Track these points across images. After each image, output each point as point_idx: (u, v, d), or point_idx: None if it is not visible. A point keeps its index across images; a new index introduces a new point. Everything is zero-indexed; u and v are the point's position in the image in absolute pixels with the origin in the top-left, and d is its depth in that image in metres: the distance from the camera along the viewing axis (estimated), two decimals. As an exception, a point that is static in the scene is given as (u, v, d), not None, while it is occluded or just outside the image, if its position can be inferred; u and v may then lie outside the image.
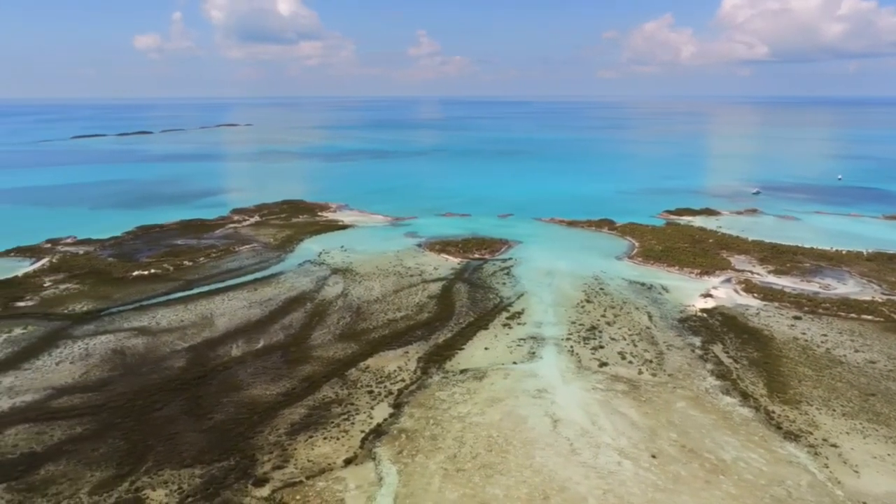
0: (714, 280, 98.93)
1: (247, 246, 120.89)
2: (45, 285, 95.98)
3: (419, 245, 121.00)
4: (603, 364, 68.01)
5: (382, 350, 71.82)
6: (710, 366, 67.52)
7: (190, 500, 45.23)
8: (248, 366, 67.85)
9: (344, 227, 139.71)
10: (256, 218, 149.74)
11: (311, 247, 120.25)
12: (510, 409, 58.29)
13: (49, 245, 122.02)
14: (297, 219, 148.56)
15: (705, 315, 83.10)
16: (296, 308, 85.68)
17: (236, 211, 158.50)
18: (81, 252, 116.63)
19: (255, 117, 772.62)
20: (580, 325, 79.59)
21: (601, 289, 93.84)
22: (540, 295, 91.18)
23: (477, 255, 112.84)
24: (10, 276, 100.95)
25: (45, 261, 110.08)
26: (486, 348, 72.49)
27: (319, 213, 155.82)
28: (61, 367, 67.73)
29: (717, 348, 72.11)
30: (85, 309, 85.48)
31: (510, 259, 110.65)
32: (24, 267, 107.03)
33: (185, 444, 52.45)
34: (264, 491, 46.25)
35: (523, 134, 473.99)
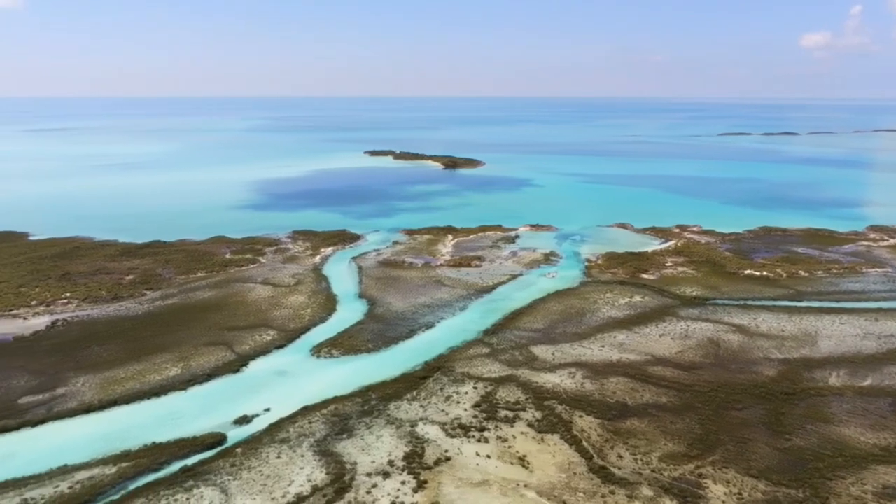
0: None
1: (877, 269, 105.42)
2: (667, 264, 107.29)
3: None
4: None
5: None
6: None
7: (747, 510, 44.05)
8: (846, 401, 60.14)
9: None
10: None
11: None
12: None
13: (677, 230, 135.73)
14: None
15: None
16: (925, 355, 70.51)
17: (873, 228, 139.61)
18: (703, 241, 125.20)
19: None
20: None
21: None
22: None
23: None
24: (642, 250, 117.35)
25: (670, 243, 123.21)
26: None
27: None
28: (662, 339, 75.06)
29: None
30: (693, 294, 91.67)
31: None
32: (653, 245, 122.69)
33: (755, 453, 50.98)
34: (831, 542, 40.96)
35: None
